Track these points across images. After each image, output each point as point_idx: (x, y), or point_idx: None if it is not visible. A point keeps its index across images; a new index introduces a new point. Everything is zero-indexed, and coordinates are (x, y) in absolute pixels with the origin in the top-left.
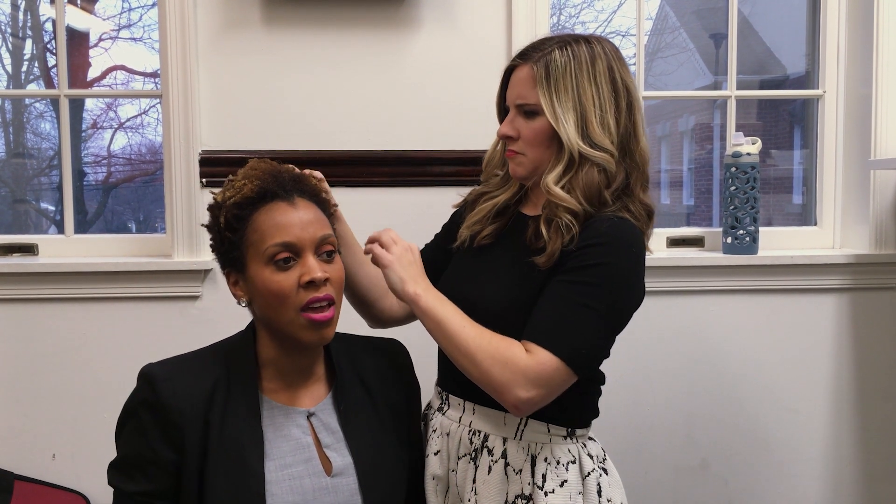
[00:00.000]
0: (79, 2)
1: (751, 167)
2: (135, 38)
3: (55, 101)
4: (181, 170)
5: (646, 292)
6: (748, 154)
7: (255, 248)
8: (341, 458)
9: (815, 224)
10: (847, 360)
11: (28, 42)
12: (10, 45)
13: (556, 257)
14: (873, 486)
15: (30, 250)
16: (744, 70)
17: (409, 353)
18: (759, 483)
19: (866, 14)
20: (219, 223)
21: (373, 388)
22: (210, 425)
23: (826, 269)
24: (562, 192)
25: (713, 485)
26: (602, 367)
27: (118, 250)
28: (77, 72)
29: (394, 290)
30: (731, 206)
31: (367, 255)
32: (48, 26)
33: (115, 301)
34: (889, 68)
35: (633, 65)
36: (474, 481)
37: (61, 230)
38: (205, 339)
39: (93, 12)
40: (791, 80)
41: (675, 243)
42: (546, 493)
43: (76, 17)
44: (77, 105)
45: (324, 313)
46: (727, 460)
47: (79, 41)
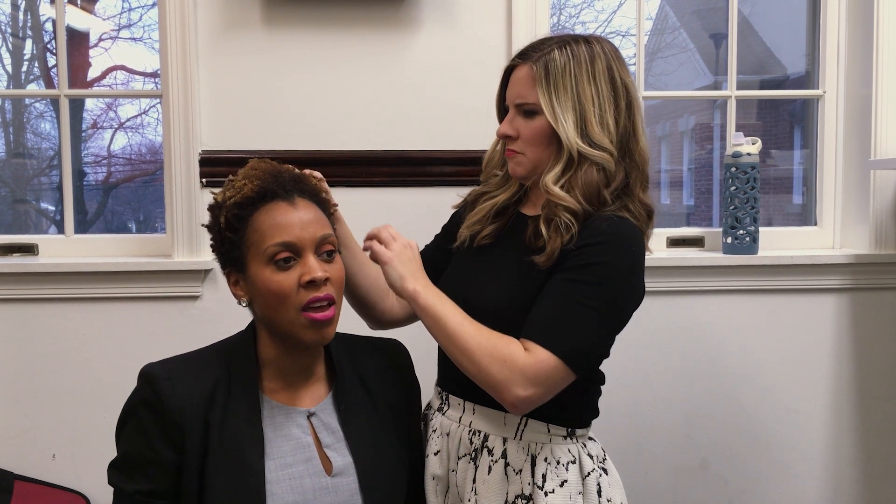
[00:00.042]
0: (79, 2)
1: (751, 167)
2: (135, 38)
3: (55, 101)
4: (181, 170)
5: (646, 292)
6: (748, 154)
7: (255, 247)
8: (341, 457)
9: (815, 224)
10: (847, 360)
11: (28, 42)
12: (10, 45)
13: (555, 256)
14: (873, 486)
15: (30, 250)
16: (744, 70)
17: (409, 353)
18: (759, 483)
19: (866, 14)
20: (219, 223)
21: (373, 388)
22: (210, 425)
23: (826, 269)
24: (561, 191)
25: (713, 485)
26: (602, 367)
27: (118, 250)
28: (77, 72)
29: (393, 286)
30: (732, 206)
31: (366, 251)
32: (48, 26)
33: (115, 301)
34: (889, 68)
35: (633, 65)
36: (474, 481)
37: (61, 230)
38: (205, 339)
39: (93, 12)
40: (791, 80)
41: (675, 243)
42: (546, 493)
43: (76, 17)
44: (77, 105)
45: (324, 312)
46: (727, 460)
47: (79, 41)
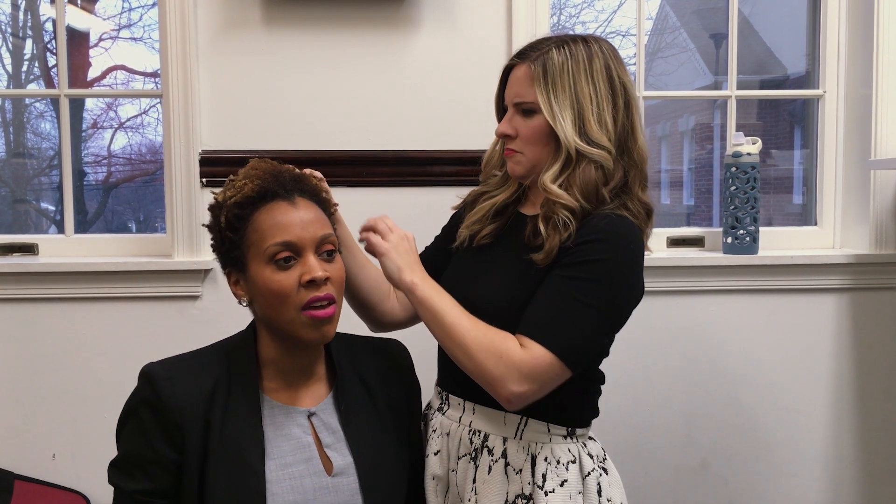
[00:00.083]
0: (79, 2)
1: (751, 167)
2: (135, 38)
3: (55, 101)
4: (181, 170)
5: (646, 292)
6: (748, 154)
7: (255, 247)
8: (342, 457)
9: (816, 224)
10: (847, 360)
11: (28, 42)
12: (10, 45)
13: (553, 254)
14: (873, 486)
15: (30, 250)
16: (744, 70)
17: (410, 353)
18: (759, 483)
19: (866, 14)
20: (219, 223)
21: (373, 388)
22: (211, 424)
23: (826, 269)
24: (559, 189)
25: (713, 485)
26: (602, 367)
27: (118, 250)
28: (77, 71)
29: (390, 278)
30: (732, 206)
31: (362, 242)
32: (48, 26)
33: (115, 301)
34: (889, 68)
35: (634, 65)
36: (474, 481)
37: (61, 230)
38: (205, 339)
39: (93, 12)
40: (791, 80)
41: (675, 243)
42: (546, 493)
43: (76, 17)
44: (77, 105)
45: (325, 310)
46: (727, 460)
47: (79, 41)
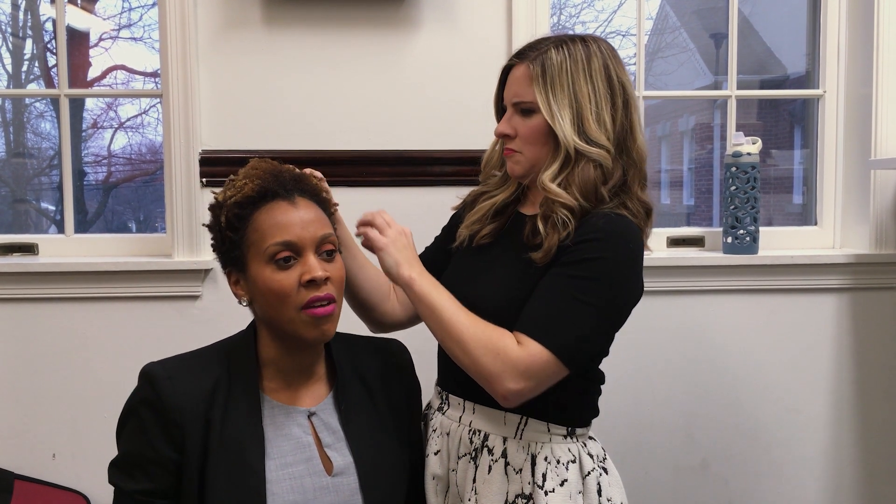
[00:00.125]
0: (79, 1)
1: (751, 167)
2: (135, 38)
3: (55, 101)
4: (181, 169)
5: (646, 292)
6: (748, 154)
7: (255, 247)
8: (342, 457)
9: (816, 224)
10: (847, 360)
11: (28, 42)
12: (10, 45)
13: (552, 253)
14: (873, 486)
15: (30, 250)
16: (744, 70)
17: (410, 353)
18: (759, 483)
19: (866, 14)
20: (220, 222)
21: (373, 388)
22: (211, 424)
23: (826, 269)
24: (558, 188)
25: (713, 485)
26: (602, 367)
27: (118, 250)
28: (77, 71)
29: (388, 273)
30: (732, 206)
31: (358, 237)
32: (48, 26)
33: (115, 301)
34: (889, 68)
35: (634, 65)
36: (474, 481)
37: (61, 230)
38: (205, 338)
39: (93, 12)
40: (791, 80)
41: (675, 243)
42: (546, 493)
43: (76, 17)
44: (77, 105)
45: (325, 308)
46: (727, 460)
47: (79, 41)
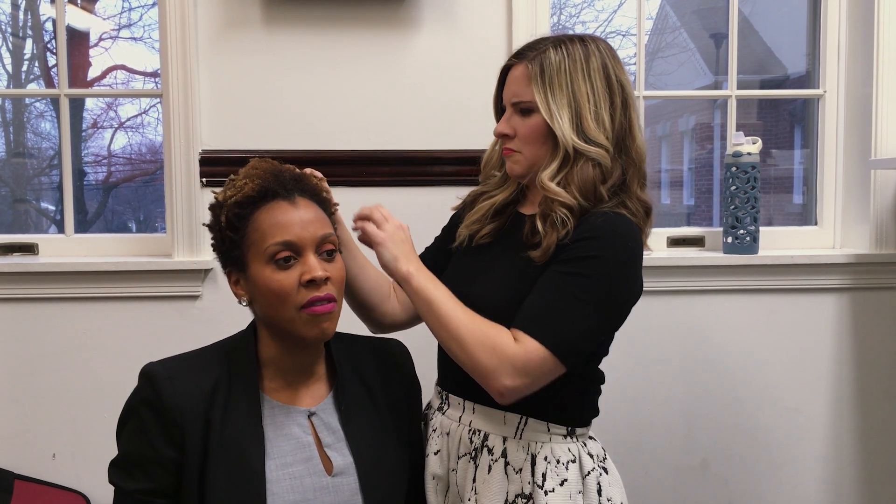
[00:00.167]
0: (79, 1)
1: (751, 167)
2: (135, 38)
3: (55, 101)
4: (181, 169)
5: (646, 292)
6: (748, 154)
7: (255, 246)
8: (342, 457)
9: (816, 224)
10: (847, 360)
11: (28, 41)
12: (10, 45)
13: (551, 251)
14: (873, 486)
15: (30, 250)
16: (744, 70)
17: (410, 353)
18: (759, 483)
19: (867, 13)
20: (220, 222)
21: (373, 388)
22: (211, 424)
23: (826, 269)
24: (557, 187)
25: (713, 485)
26: (602, 367)
27: (118, 250)
28: (77, 71)
29: (386, 267)
30: (732, 206)
31: (356, 231)
32: (48, 26)
33: (115, 301)
34: (889, 68)
35: (634, 64)
36: (474, 480)
37: (61, 230)
38: (205, 338)
39: (93, 12)
40: (791, 80)
41: (675, 243)
42: (546, 492)
43: (76, 17)
44: (77, 104)
45: (324, 306)
46: (727, 460)
47: (79, 41)
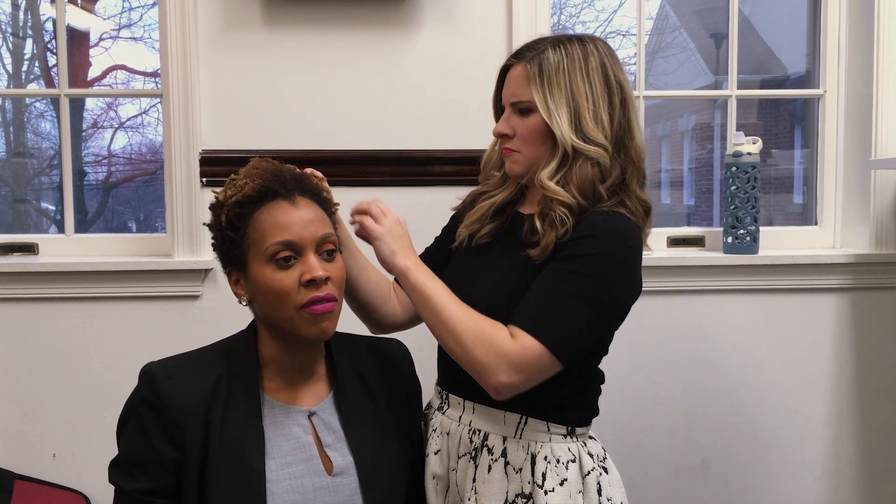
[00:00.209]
0: (79, 1)
1: (751, 167)
2: (135, 38)
3: (55, 101)
4: (181, 169)
5: (646, 292)
6: (749, 154)
7: (256, 246)
8: (342, 457)
9: (816, 224)
10: (847, 360)
11: (28, 41)
12: (10, 45)
13: (549, 250)
14: (873, 486)
15: (30, 250)
16: (744, 70)
17: (410, 353)
18: (759, 483)
19: (867, 13)
20: (220, 222)
21: (374, 388)
22: (211, 424)
23: (826, 269)
24: (556, 186)
25: (713, 485)
26: (602, 366)
27: (118, 250)
28: (77, 71)
29: (384, 262)
30: (732, 206)
31: (353, 225)
32: (48, 26)
33: (116, 300)
34: (890, 68)
35: (634, 64)
36: (474, 480)
37: (62, 230)
38: (205, 338)
39: (93, 12)
40: (792, 80)
41: (675, 243)
42: (546, 492)
43: (76, 17)
44: (77, 104)
45: (324, 305)
46: (727, 460)
47: (79, 41)
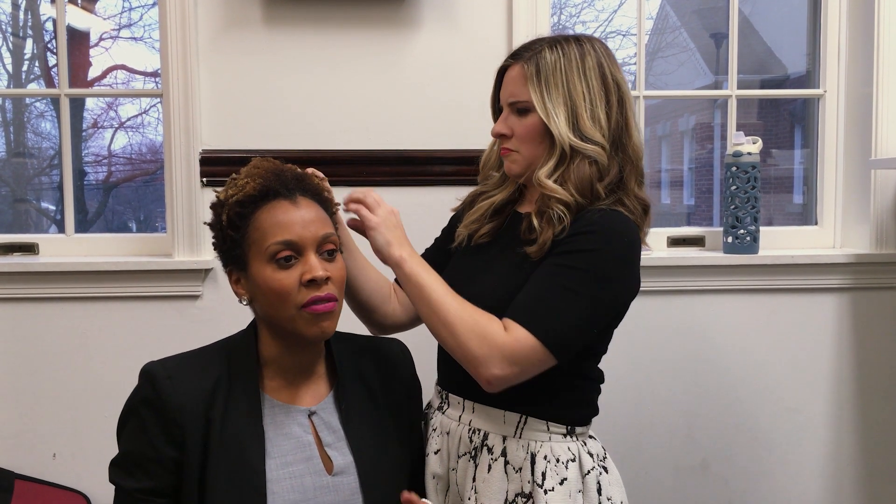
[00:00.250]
0: (79, 1)
1: (751, 167)
2: (135, 38)
3: (56, 101)
4: (182, 169)
5: (646, 292)
6: (749, 153)
7: (256, 246)
8: (342, 456)
9: (816, 224)
10: (847, 360)
11: (29, 41)
12: (10, 45)
13: (547, 247)
14: (873, 486)
15: (30, 250)
16: (744, 69)
17: (410, 353)
18: (759, 483)
19: (867, 13)
20: (221, 221)
21: (374, 388)
22: (211, 423)
23: (826, 269)
24: (554, 184)
25: (713, 485)
26: (602, 366)
27: (119, 250)
28: (77, 71)
29: (379, 252)
30: (732, 206)
31: (348, 213)
32: (49, 25)
33: (116, 300)
34: (890, 68)
35: (634, 64)
36: (474, 480)
37: (62, 229)
38: (205, 338)
39: (93, 11)
40: (792, 80)
41: (675, 243)
42: (546, 492)
43: (77, 17)
44: (77, 104)
45: (325, 304)
46: (727, 460)
47: (79, 40)
